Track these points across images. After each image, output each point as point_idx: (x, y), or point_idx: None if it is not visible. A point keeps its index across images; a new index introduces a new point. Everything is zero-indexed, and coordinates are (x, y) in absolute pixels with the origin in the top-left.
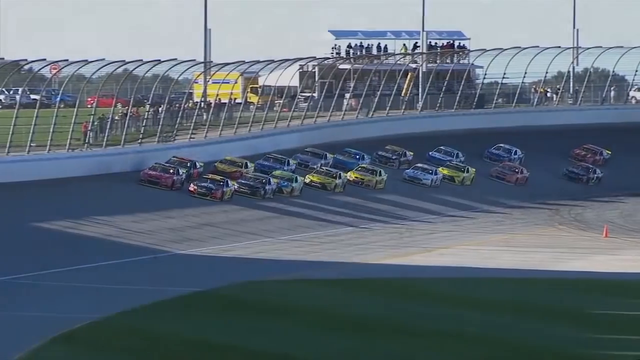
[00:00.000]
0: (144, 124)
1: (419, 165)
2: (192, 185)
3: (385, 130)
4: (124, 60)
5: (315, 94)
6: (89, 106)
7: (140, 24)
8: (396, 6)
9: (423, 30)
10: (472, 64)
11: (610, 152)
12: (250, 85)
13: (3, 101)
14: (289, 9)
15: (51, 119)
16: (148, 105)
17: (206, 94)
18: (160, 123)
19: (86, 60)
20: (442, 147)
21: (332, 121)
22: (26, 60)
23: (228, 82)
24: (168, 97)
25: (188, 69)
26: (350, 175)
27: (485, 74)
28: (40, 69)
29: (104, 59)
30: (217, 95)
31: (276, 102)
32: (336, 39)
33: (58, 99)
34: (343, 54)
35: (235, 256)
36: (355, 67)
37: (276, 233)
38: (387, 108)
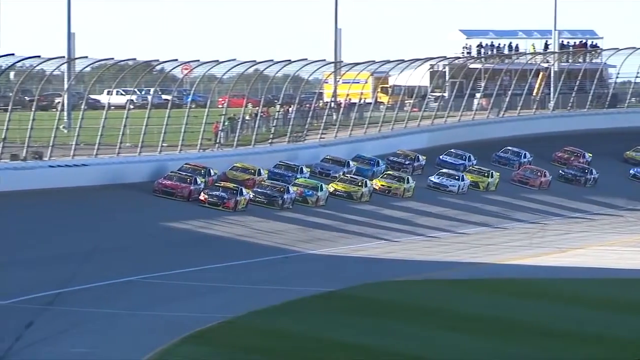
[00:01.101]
0: (274, 124)
1: (444, 171)
2: (202, 194)
3: (516, 130)
4: (254, 61)
5: (446, 94)
6: (220, 106)
7: (272, 24)
8: (528, 5)
9: (555, 30)
10: (605, 63)
11: (592, 155)
12: (381, 85)
13: (135, 101)
14: (420, 8)
15: (182, 119)
16: (278, 105)
17: (336, 93)
18: (291, 123)
19: (217, 61)
20: (452, 150)
21: (462, 121)
22: (158, 60)
23: (358, 82)
24: (298, 97)
25: (318, 69)
26: (376, 183)
27: (619, 73)
28: (172, 69)
29: (234, 59)
30: (347, 95)
31: (406, 101)
32: (467, 38)
33: (189, 99)
34: (474, 54)
35: (366, 256)
36: (486, 66)
37: (398, 233)
38: (518, 108)
